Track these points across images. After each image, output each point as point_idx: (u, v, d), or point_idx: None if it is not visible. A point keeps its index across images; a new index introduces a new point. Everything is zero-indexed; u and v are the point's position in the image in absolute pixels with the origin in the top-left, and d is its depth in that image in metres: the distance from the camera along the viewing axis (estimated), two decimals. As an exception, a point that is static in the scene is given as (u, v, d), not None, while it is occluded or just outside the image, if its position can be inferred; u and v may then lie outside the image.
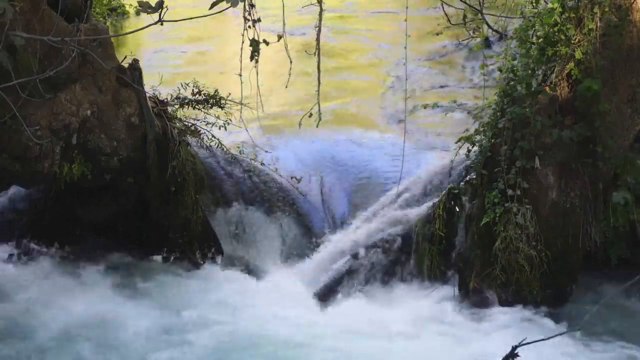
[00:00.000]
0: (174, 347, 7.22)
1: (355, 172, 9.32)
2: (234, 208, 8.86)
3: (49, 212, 8.78)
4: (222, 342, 7.28)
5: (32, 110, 7.31)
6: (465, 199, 8.23)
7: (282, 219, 8.82)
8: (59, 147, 7.57)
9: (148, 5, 4.15)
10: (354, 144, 9.78)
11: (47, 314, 7.59)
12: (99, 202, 8.58)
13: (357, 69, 12.87)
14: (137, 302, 7.90)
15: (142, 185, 8.30)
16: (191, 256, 8.67)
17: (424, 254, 8.19)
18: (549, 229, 7.67)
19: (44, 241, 8.70)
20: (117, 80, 7.96)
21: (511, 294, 7.71)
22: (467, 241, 8.07)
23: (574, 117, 7.67)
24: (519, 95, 7.72)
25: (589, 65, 7.47)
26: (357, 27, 15.10)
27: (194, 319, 7.61)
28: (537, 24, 7.80)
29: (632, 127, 7.75)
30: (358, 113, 10.96)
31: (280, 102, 10.74)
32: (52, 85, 7.38)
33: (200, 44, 14.39)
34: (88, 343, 7.22)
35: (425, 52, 13.28)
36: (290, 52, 6.90)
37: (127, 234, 8.75)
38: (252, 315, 7.70)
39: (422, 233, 8.23)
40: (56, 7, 7.36)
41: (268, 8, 8.07)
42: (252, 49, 6.64)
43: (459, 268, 8.06)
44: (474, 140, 8.12)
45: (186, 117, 8.75)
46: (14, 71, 6.50)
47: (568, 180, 7.70)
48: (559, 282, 7.79)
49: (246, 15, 6.69)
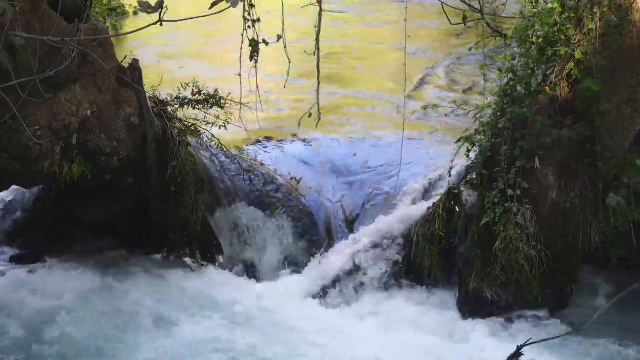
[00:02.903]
0: (174, 345, 7.22)
1: (356, 172, 9.32)
2: (234, 208, 8.85)
3: (49, 212, 8.78)
4: (221, 341, 7.29)
5: (32, 110, 7.31)
6: (465, 199, 8.23)
7: (281, 219, 8.81)
8: (59, 147, 7.57)
9: (148, 5, 4.14)
10: (354, 144, 9.77)
11: (48, 314, 7.59)
12: (99, 202, 8.58)
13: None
14: (137, 302, 7.90)
15: (142, 185, 8.30)
16: (191, 256, 8.67)
17: (424, 254, 8.18)
18: (549, 229, 7.66)
19: (44, 241, 8.69)
20: (117, 80, 7.95)
21: (511, 294, 7.71)
22: (467, 241, 8.06)
23: (574, 117, 7.67)
24: (519, 95, 7.72)
25: (589, 65, 7.47)
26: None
27: (192, 318, 7.62)
28: (537, 24, 7.79)
29: (632, 127, 7.74)
30: (360, 111, 10.96)
31: (280, 102, 10.75)
32: (52, 85, 7.37)
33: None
34: (89, 343, 7.22)
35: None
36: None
37: (127, 234, 8.75)
38: (251, 315, 7.70)
39: (422, 233, 8.23)
40: (56, 7, 7.35)
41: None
42: (251, 49, 6.64)
43: (459, 268, 8.06)
44: (474, 140, 8.12)
45: (186, 117, 8.74)
46: (14, 71, 6.49)
47: (568, 180, 7.70)
48: (559, 282, 7.79)
49: (246, 16, 6.69)
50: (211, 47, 14.07)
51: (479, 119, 8.15)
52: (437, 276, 8.17)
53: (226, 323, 7.58)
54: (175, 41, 14.00)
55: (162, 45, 13.69)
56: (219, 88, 8.75)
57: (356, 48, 13.95)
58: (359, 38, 14.57)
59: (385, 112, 10.79)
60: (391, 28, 14.71)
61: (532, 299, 7.69)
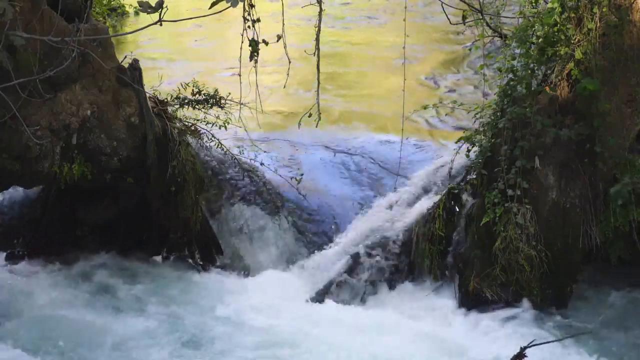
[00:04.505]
0: (174, 345, 7.23)
1: (356, 172, 9.32)
2: (233, 208, 8.86)
3: (49, 214, 8.78)
4: (220, 341, 7.29)
5: (32, 110, 7.32)
6: (465, 199, 8.23)
7: (281, 219, 8.81)
8: (59, 147, 7.57)
9: (148, 5, 4.15)
10: (354, 143, 9.78)
11: (47, 314, 7.59)
12: (100, 203, 8.58)
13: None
14: (136, 302, 7.90)
15: (143, 186, 8.30)
16: (191, 256, 8.67)
17: (424, 254, 8.18)
18: (549, 229, 7.67)
19: (44, 242, 8.69)
20: (117, 80, 7.96)
21: (511, 294, 7.71)
22: (467, 241, 8.07)
23: (574, 117, 7.67)
24: (519, 95, 7.72)
25: (589, 65, 7.47)
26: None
27: (193, 318, 7.62)
28: (537, 24, 7.79)
29: (632, 127, 7.74)
30: (361, 112, 10.96)
31: (281, 102, 10.75)
32: (52, 85, 7.38)
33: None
34: (88, 343, 7.22)
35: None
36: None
37: (127, 234, 8.75)
38: (251, 315, 7.70)
39: (422, 233, 8.23)
40: (56, 7, 7.36)
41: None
42: (251, 49, 6.65)
43: (459, 268, 8.06)
44: (474, 140, 8.12)
45: (186, 117, 8.75)
46: (14, 71, 6.52)
47: (568, 180, 7.70)
48: (559, 282, 7.79)
49: (245, 16, 6.69)
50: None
51: (479, 119, 8.16)
52: (437, 276, 8.17)
53: (227, 323, 7.58)
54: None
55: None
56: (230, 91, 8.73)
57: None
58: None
59: (385, 112, 10.80)
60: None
61: (532, 299, 7.68)
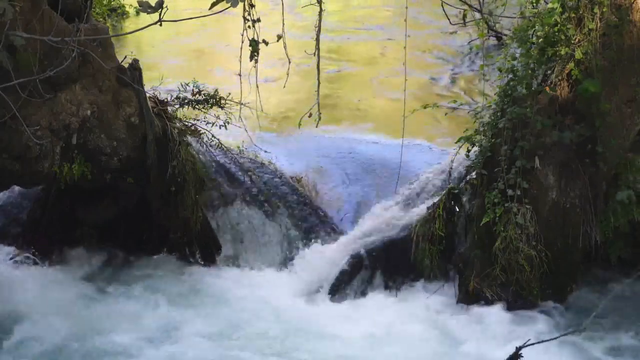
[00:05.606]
0: (174, 344, 7.23)
1: (356, 172, 9.32)
2: (233, 208, 8.85)
3: (49, 214, 8.77)
4: (220, 340, 7.29)
5: (32, 110, 7.32)
6: (465, 199, 8.23)
7: (282, 219, 8.82)
8: (59, 147, 7.57)
9: (148, 5, 4.15)
10: (354, 144, 9.78)
11: (47, 314, 7.60)
12: (100, 203, 8.58)
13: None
14: (136, 302, 7.91)
15: (143, 186, 8.30)
16: (191, 256, 8.67)
17: (424, 254, 8.18)
18: (549, 229, 7.67)
19: (44, 242, 8.69)
20: (117, 80, 7.96)
21: (511, 294, 7.71)
22: (467, 241, 8.07)
23: (574, 117, 7.67)
24: (519, 95, 7.72)
25: (589, 65, 7.47)
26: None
27: (193, 318, 7.62)
28: (537, 24, 7.79)
29: (632, 127, 7.74)
30: (362, 110, 10.96)
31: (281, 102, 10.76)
32: (52, 85, 7.38)
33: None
34: (89, 344, 7.23)
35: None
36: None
37: (127, 234, 8.75)
38: (251, 315, 7.71)
39: (422, 233, 8.23)
40: (56, 7, 7.36)
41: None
42: (251, 49, 6.65)
43: (459, 268, 8.06)
44: (474, 140, 8.12)
45: (186, 117, 8.75)
46: (14, 71, 6.52)
47: (568, 180, 7.70)
48: (559, 282, 7.80)
49: (246, 16, 6.70)
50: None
51: (479, 119, 8.16)
52: (437, 276, 8.17)
53: (227, 322, 7.59)
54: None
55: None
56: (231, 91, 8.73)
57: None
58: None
59: (385, 111, 10.80)
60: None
61: (532, 299, 7.69)
